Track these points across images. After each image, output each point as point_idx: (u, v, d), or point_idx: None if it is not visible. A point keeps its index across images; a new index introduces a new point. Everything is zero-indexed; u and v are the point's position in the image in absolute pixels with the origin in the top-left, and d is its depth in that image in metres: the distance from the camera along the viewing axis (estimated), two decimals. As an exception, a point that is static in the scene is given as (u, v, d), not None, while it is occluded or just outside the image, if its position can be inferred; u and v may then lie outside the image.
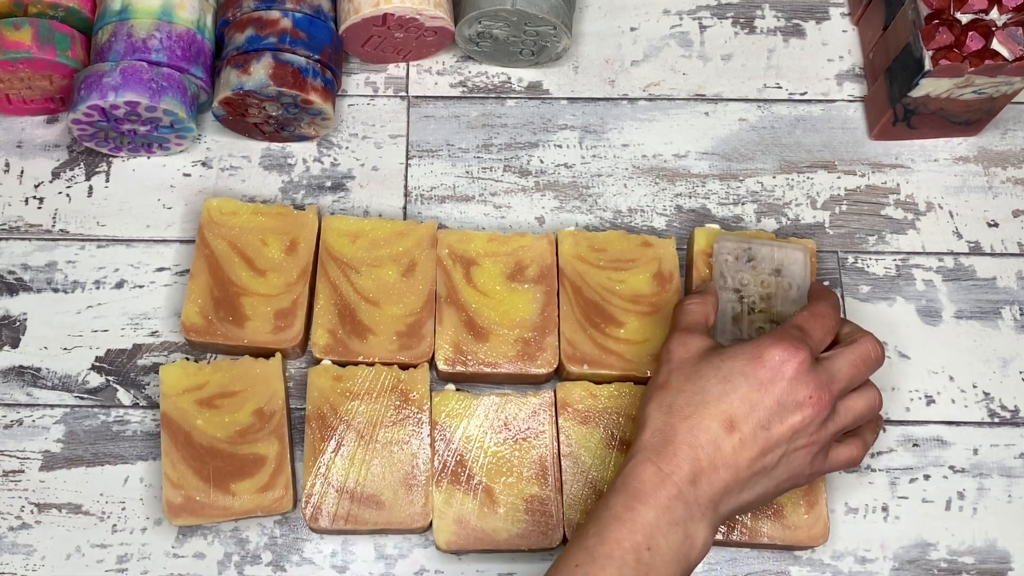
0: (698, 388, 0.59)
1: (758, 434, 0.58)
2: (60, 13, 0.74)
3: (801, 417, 0.58)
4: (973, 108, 0.76)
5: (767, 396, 0.58)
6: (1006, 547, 0.70)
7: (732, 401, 0.58)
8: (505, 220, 0.77)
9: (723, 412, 0.58)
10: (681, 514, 0.56)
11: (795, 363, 0.59)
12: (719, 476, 0.58)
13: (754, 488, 0.59)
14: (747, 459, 0.58)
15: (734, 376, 0.59)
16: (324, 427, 0.68)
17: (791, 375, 0.59)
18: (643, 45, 0.83)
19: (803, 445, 0.59)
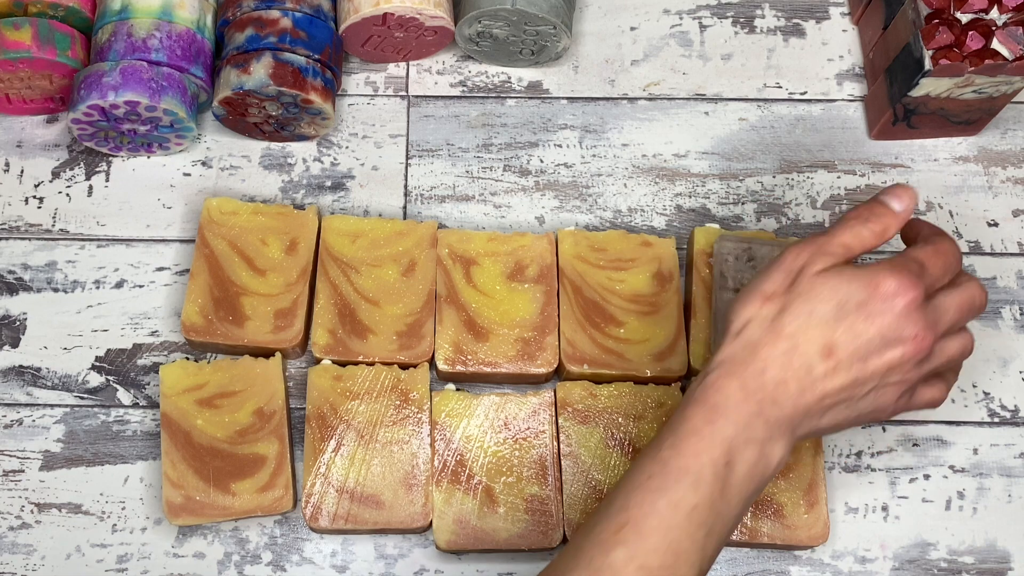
0: (807, 308, 0.56)
1: (854, 365, 0.56)
2: (60, 13, 0.74)
3: (901, 354, 0.56)
4: (973, 108, 0.76)
5: (872, 326, 0.55)
6: (1006, 547, 0.70)
7: (838, 328, 0.55)
8: (505, 220, 0.77)
9: (826, 337, 0.55)
10: (760, 433, 0.55)
11: (908, 298, 0.56)
12: (803, 400, 0.55)
13: (834, 416, 0.57)
14: (835, 387, 0.56)
15: (849, 302, 0.55)
16: (324, 427, 0.68)
17: (900, 310, 0.56)
18: (643, 45, 0.83)
19: (895, 382, 0.57)
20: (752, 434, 0.55)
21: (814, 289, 0.56)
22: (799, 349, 0.55)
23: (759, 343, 0.56)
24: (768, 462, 0.55)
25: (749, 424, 0.55)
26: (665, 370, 0.70)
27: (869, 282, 0.56)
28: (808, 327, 0.55)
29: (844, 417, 0.58)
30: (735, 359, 0.56)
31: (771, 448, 0.55)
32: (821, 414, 0.57)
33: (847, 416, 0.58)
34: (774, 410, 0.55)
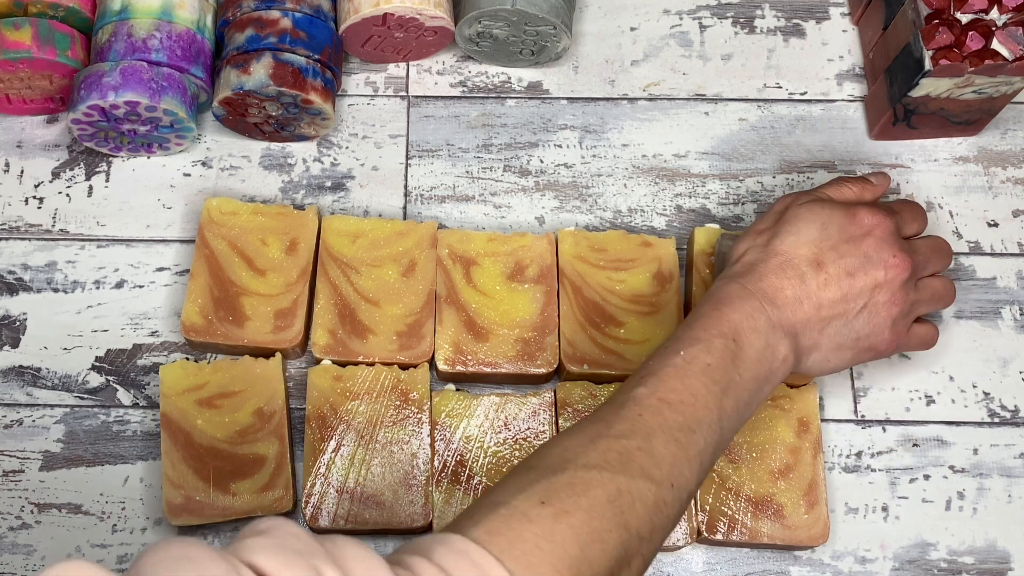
0: (795, 229, 0.63)
1: (842, 279, 0.62)
2: (60, 13, 0.74)
3: (884, 273, 0.63)
4: (973, 108, 0.76)
5: (856, 248, 0.63)
6: (1006, 547, 0.70)
7: (822, 240, 0.62)
8: (505, 220, 0.77)
9: (814, 253, 0.62)
10: (763, 324, 0.59)
11: (884, 227, 0.64)
12: (801, 307, 0.61)
13: (833, 334, 0.62)
14: (829, 299, 0.61)
15: (830, 221, 0.63)
16: (324, 427, 0.68)
17: (880, 235, 0.63)
18: (643, 45, 0.83)
19: (884, 301, 0.63)
20: (756, 324, 0.59)
21: (799, 215, 0.64)
22: (792, 262, 0.62)
23: (756, 261, 0.62)
24: (774, 354, 0.60)
25: (752, 315, 0.59)
26: (665, 370, 0.70)
27: (848, 211, 0.64)
28: (798, 245, 0.62)
29: (844, 337, 0.63)
30: (737, 272, 0.62)
31: (776, 340, 0.60)
32: (821, 328, 0.62)
33: (846, 337, 0.63)
34: (774, 311, 0.60)
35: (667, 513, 0.53)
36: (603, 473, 0.51)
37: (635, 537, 0.51)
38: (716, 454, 0.57)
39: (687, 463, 0.54)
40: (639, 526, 0.51)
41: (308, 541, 0.42)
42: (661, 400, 0.55)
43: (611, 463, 0.52)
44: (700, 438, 0.55)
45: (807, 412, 0.70)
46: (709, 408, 0.56)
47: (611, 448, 0.52)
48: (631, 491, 0.51)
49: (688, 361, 0.57)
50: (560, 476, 0.51)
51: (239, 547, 0.40)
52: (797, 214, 0.64)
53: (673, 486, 0.53)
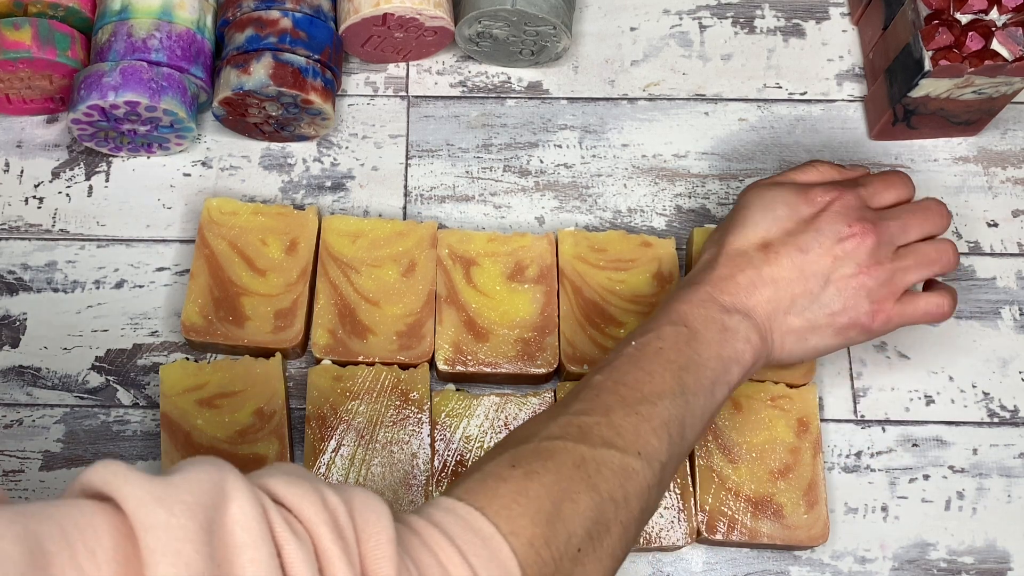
0: (742, 219, 0.63)
1: (794, 255, 0.61)
2: (60, 13, 0.74)
3: (841, 245, 0.61)
4: (973, 108, 0.76)
5: (807, 225, 0.61)
6: (1006, 547, 0.70)
7: (769, 224, 0.62)
8: (505, 220, 0.77)
9: (759, 234, 0.62)
10: (715, 311, 0.59)
11: (841, 201, 0.62)
12: (756, 291, 0.60)
13: (802, 312, 0.61)
14: (784, 277, 0.61)
15: (776, 204, 0.62)
16: (324, 427, 0.68)
17: (836, 209, 0.62)
18: (643, 45, 0.83)
19: (851, 273, 0.61)
20: (707, 311, 0.59)
21: (746, 204, 0.63)
22: (741, 251, 0.61)
23: (710, 259, 0.63)
24: (735, 336, 0.59)
25: (702, 303, 0.60)
26: (665, 370, 0.70)
27: (799, 191, 0.63)
28: (744, 231, 0.62)
29: (816, 315, 0.61)
30: (689, 277, 0.63)
31: (734, 324, 0.59)
32: (786, 308, 0.61)
33: (818, 314, 0.61)
34: (726, 297, 0.60)
35: (639, 481, 0.53)
36: (565, 443, 0.52)
37: (608, 501, 0.52)
38: (688, 430, 0.56)
39: (652, 433, 0.54)
40: (610, 490, 0.52)
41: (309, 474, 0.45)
42: (616, 382, 0.56)
43: (571, 435, 0.53)
44: (663, 409, 0.55)
45: (807, 412, 0.70)
46: (667, 383, 0.56)
47: (571, 423, 0.54)
48: (595, 458, 0.52)
49: (640, 348, 0.58)
50: (526, 446, 0.52)
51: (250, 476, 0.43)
52: (744, 203, 0.64)
53: (640, 454, 0.53)
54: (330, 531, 0.41)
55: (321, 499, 0.42)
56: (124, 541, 0.37)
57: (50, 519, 0.36)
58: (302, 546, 0.40)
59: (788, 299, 0.61)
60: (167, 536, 0.37)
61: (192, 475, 0.40)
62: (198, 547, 0.37)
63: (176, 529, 0.37)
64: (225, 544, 0.38)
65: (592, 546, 0.51)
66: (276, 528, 0.40)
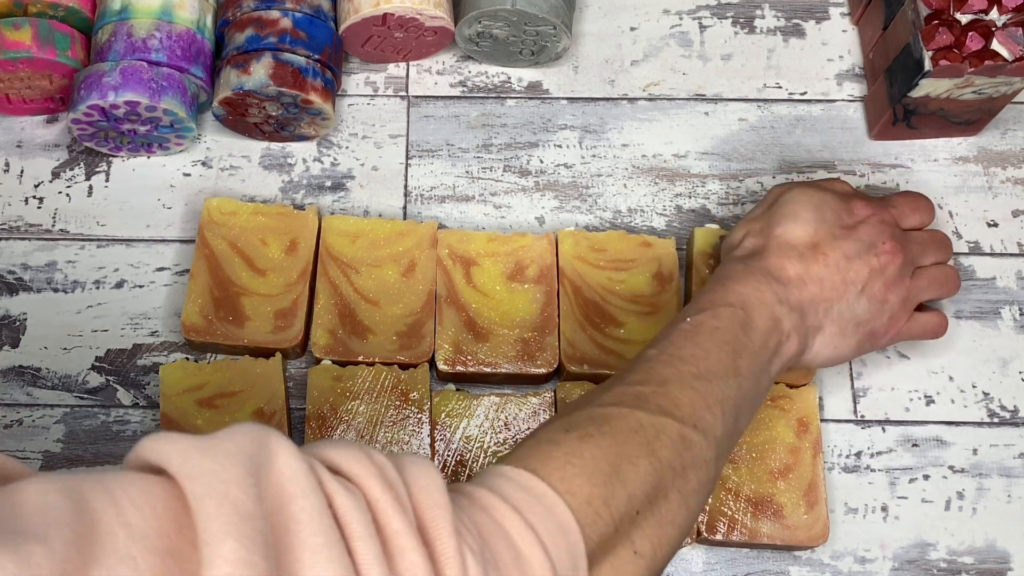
0: (791, 212, 0.64)
1: (840, 262, 0.63)
2: (60, 13, 0.74)
3: (878, 260, 0.64)
4: (973, 108, 0.76)
5: (851, 234, 0.64)
6: (1006, 547, 0.70)
7: (818, 225, 0.63)
8: (505, 220, 0.77)
9: (811, 236, 0.63)
10: (770, 298, 0.60)
11: (878, 216, 0.65)
12: (805, 286, 0.61)
13: (837, 316, 0.63)
14: (830, 280, 0.62)
15: (825, 207, 0.64)
16: (324, 427, 0.68)
17: (874, 223, 0.64)
18: (643, 45, 0.83)
19: (880, 287, 0.64)
20: (763, 297, 0.59)
21: (795, 199, 0.64)
22: (790, 243, 0.63)
23: (756, 246, 0.63)
24: (781, 328, 0.60)
25: (759, 288, 0.60)
26: (665, 370, 0.70)
27: (843, 199, 0.65)
28: (794, 228, 0.63)
29: (847, 321, 0.63)
30: (739, 256, 0.63)
31: (782, 315, 0.60)
32: (826, 308, 0.62)
33: (849, 320, 0.63)
34: (779, 287, 0.61)
35: (697, 453, 0.53)
36: (621, 408, 0.52)
37: (667, 467, 0.51)
38: (739, 413, 0.56)
39: (707, 409, 0.54)
40: (669, 457, 0.51)
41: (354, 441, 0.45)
42: (671, 355, 0.56)
43: (627, 402, 0.53)
44: (717, 388, 0.55)
45: (807, 412, 0.70)
46: (723, 363, 0.56)
47: (626, 392, 0.53)
48: (653, 424, 0.52)
49: (695, 326, 0.58)
50: (579, 412, 0.52)
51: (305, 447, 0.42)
52: (792, 198, 0.65)
53: (696, 427, 0.53)
54: (379, 483, 0.41)
55: (367, 456, 0.42)
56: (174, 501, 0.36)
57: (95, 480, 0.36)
58: (352, 496, 0.39)
59: (830, 300, 0.62)
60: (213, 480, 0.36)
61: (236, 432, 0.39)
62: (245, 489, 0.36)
63: (221, 473, 0.36)
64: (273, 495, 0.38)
65: (651, 510, 0.50)
66: (324, 480, 0.39)
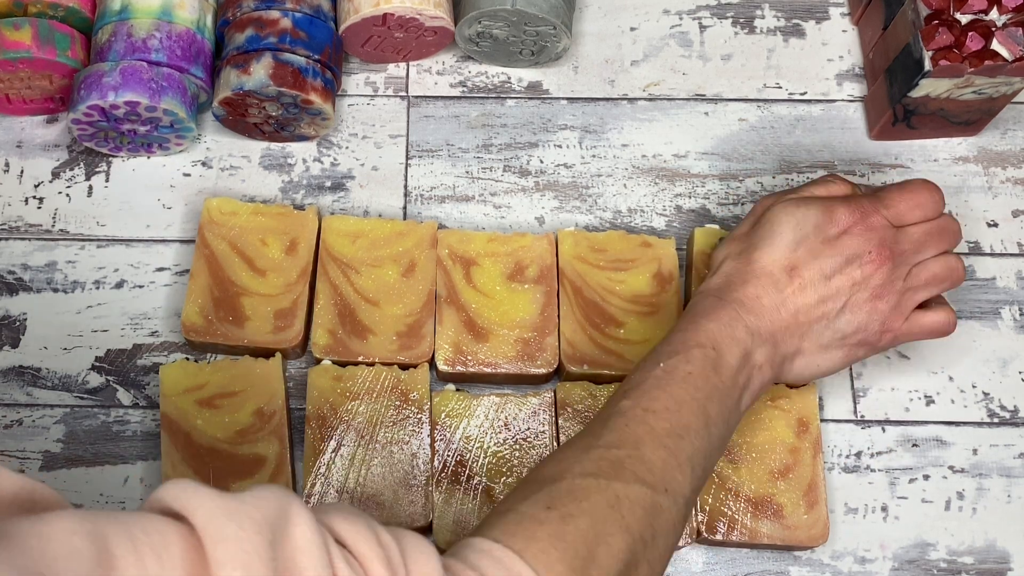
0: (769, 234, 0.63)
1: (818, 283, 0.61)
2: (60, 13, 0.74)
3: (861, 271, 0.62)
4: (973, 108, 0.76)
5: (831, 248, 0.62)
6: (1006, 547, 0.70)
7: (797, 245, 0.62)
8: (505, 220, 0.77)
9: (789, 259, 0.62)
10: (742, 333, 0.60)
11: (865, 222, 0.63)
12: (779, 314, 0.61)
13: (815, 337, 0.62)
14: (805, 304, 0.61)
15: (805, 223, 0.62)
16: (324, 427, 0.68)
17: (859, 232, 0.62)
18: (643, 45, 0.83)
19: (866, 298, 0.62)
20: (734, 332, 0.59)
21: (774, 219, 0.63)
22: (766, 270, 0.62)
23: (732, 272, 0.63)
24: (754, 364, 0.60)
25: (730, 324, 0.60)
26: (665, 370, 0.70)
27: (825, 209, 0.63)
28: (772, 251, 0.62)
29: (828, 339, 0.62)
30: (713, 286, 0.63)
31: (753, 348, 0.60)
32: (801, 333, 0.62)
33: (830, 338, 0.62)
34: (751, 318, 0.60)
35: (666, 519, 0.54)
36: (599, 480, 0.53)
37: (639, 541, 0.52)
38: (708, 462, 0.57)
39: (678, 468, 0.55)
40: (641, 529, 0.52)
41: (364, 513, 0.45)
42: (645, 410, 0.56)
43: (605, 471, 0.53)
44: (688, 444, 0.56)
45: (807, 412, 0.70)
46: (694, 413, 0.56)
47: (603, 457, 0.54)
48: (628, 496, 0.52)
49: (668, 371, 0.58)
50: (560, 484, 0.52)
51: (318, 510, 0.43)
52: (772, 218, 0.63)
53: (667, 491, 0.54)
54: (383, 566, 0.42)
55: (375, 536, 0.43)
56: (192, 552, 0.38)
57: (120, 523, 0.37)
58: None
59: (805, 324, 0.62)
60: (236, 548, 0.38)
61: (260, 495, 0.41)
62: (265, 563, 0.38)
63: (245, 542, 0.38)
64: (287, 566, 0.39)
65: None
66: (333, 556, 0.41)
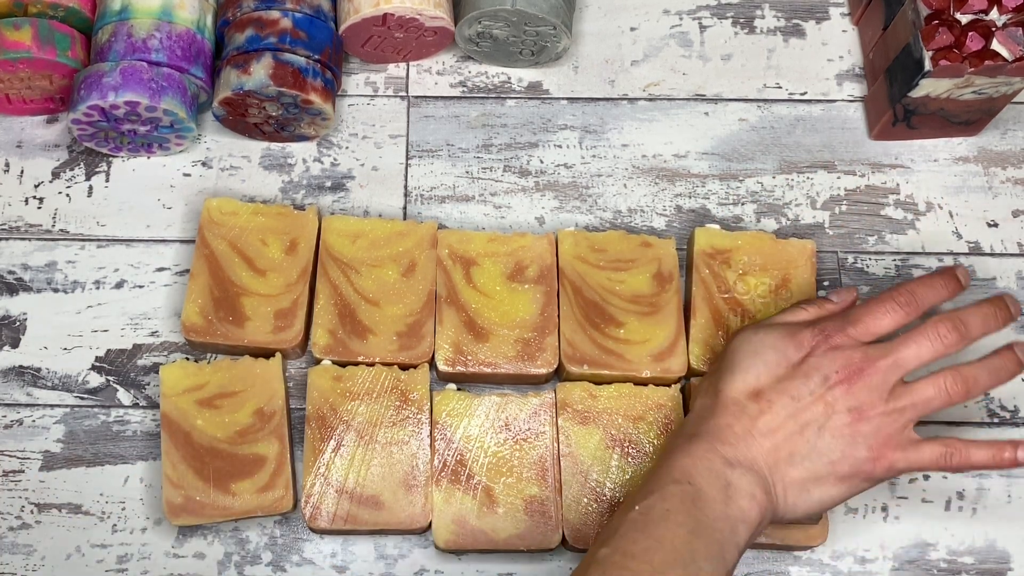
0: (732, 364, 0.61)
1: (786, 404, 0.59)
2: (60, 13, 0.74)
3: (831, 392, 0.59)
4: (973, 108, 0.76)
5: (796, 370, 0.60)
6: (1006, 547, 0.70)
7: (759, 370, 0.60)
8: (505, 220, 0.77)
9: (753, 385, 0.60)
10: (718, 464, 0.57)
11: (830, 342, 0.60)
12: (754, 441, 0.59)
13: (801, 463, 0.59)
14: (780, 428, 0.59)
15: (764, 348, 0.61)
16: (324, 427, 0.68)
17: (823, 351, 0.60)
18: (643, 45, 0.83)
19: (845, 422, 0.59)
20: (710, 464, 0.57)
21: (736, 349, 0.62)
22: (732, 398, 0.60)
23: (702, 408, 0.61)
24: (739, 492, 0.57)
25: (704, 456, 0.58)
26: (665, 371, 0.70)
27: (787, 333, 0.61)
28: (735, 380, 0.60)
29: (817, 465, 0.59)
30: (682, 426, 0.62)
31: (736, 478, 0.57)
32: (787, 459, 0.59)
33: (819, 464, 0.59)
34: (727, 448, 0.58)
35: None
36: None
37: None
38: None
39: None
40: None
41: None
42: (624, 554, 0.54)
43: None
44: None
45: (807, 412, 0.70)
46: (678, 550, 0.54)
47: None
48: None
49: (644, 512, 0.55)
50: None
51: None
52: (733, 348, 0.62)
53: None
54: None
55: None
56: None
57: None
58: None
59: (787, 450, 0.59)
60: None
61: None
62: None
63: None
64: None
65: None
66: None
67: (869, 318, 0.61)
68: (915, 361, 0.60)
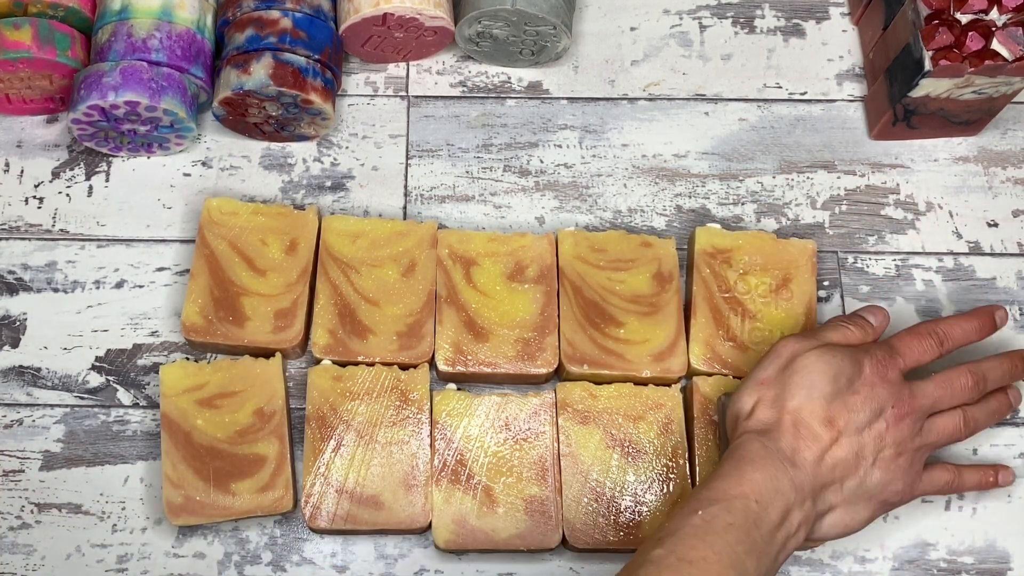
0: (805, 384, 0.61)
1: (853, 436, 0.61)
2: (60, 13, 0.74)
3: (884, 424, 0.62)
4: (973, 108, 0.76)
5: (862, 402, 0.61)
6: (1006, 547, 0.70)
7: (835, 402, 0.61)
8: (505, 220, 0.77)
9: (826, 410, 0.61)
10: (786, 487, 0.58)
11: (888, 376, 0.62)
12: (820, 469, 0.60)
13: (849, 494, 0.61)
14: (843, 459, 0.60)
15: (841, 378, 0.61)
16: (324, 427, 0.68)
17: (883, 386, 0.62)
18: (643, 45, 0.83)
19: (892, 456, 0.62)
20: (778, 485, 0.58)
21: (809, 366, 0.62)
22: (805, 422, 0.60)
23: (770, 420, 0.61)
24: (792, 519, 0.58)
25: (775, 475, 0.58)
26: (665, 371, 0.70)
27: (854, 361, 0.62)
28: (809, 401, 0.61)
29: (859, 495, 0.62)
30: (753, 428, 0.61)
31: (794, 504, 0.59)
32: (839, 488, 0.61)
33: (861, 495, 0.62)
34: (795, 471, 0.59)
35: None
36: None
37: None
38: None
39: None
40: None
41: None
42: (680, 559, 0.55)
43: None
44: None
45: (807, 412, 0.70)
46: (732, 567, 0.55)
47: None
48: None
49: (707, 520, 0.56)
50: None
51: None
52: (806, 366, 0.62)
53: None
54: None
55: None
56: None
57: None
58: None
59: (842, 479, 0.61)
60: None
61: None
62: None
63: None
64: None
65: None
66: None
67: (913, 354, 0.65)
68: (944, 405, 0.65)
